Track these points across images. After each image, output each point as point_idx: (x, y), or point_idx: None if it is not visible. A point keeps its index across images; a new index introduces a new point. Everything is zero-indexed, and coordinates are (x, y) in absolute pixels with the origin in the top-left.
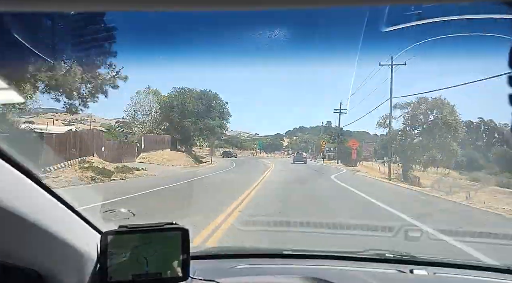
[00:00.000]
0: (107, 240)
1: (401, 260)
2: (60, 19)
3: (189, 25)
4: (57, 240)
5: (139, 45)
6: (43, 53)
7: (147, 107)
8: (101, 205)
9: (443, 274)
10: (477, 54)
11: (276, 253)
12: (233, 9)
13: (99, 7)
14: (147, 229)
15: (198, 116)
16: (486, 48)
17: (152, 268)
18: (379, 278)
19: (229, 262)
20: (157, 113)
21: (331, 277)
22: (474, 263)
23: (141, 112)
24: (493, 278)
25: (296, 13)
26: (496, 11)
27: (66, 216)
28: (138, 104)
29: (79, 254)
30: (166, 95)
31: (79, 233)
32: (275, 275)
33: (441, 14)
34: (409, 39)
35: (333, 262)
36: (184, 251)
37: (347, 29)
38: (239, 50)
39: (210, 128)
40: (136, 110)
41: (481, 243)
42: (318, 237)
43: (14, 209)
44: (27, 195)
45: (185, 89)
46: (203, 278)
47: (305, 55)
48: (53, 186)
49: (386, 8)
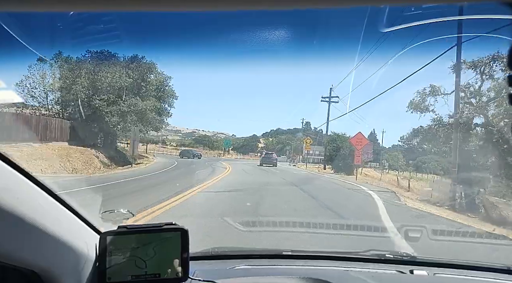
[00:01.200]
0: (106, 240)
1: (401, 261)
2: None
3: (163, 22)
4: (56, 241)
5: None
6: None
7: (51, 80)
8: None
9: (443, 275)
10: (477, 55)
11: (275, 253)
12: (233, 9)
13: (99, 7)
14: (146, 230)
15: (120, 93)
16: (486, 49)
17: (151, 268)
18: (379, 279)
19: (229, 262)
20: (61, 89)
21: (331, 277)
22: (474, 264)
23: (41, 88)
24: (493, 278)
25: (292, 12)
26: (496, 11)
27: (65, 217)
28: (36, 77)
29: (78, 255)
30: (75, 60)
31: (78, 234)
32: (274, 276)
33: (441, 14)
34: (409, 40)
35: (332, 263)
36: (183, 251)
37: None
38: (217, 50)
39: (138, 113)
40: (35, 85)
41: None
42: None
43: (13, 209)
44: (26, 195)
45: (104, 53)
46: (202, 278)
47: (296, 56)
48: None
49: (386, 8)
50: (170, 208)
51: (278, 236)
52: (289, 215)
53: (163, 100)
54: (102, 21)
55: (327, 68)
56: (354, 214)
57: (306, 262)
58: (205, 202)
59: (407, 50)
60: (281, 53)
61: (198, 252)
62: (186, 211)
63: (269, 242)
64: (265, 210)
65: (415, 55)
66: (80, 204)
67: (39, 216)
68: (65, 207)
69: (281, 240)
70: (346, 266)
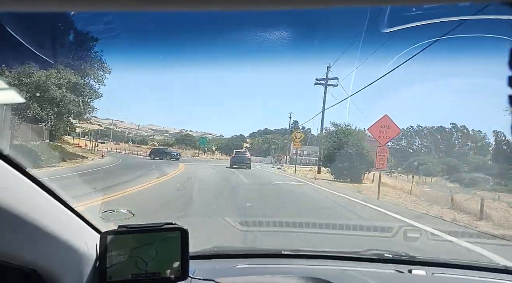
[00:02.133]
0: (106, 240)
1: (399, 260)
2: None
3: (163, 23)
4: (56, 240)
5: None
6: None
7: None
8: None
9: (441, 274)
10: (477, 55)
11: (275, 253)
12: (232, 10)
13: (99, 7)
14: (147, 229)
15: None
16: (486, 49)
17: (151, 268)
18: (378, 278)
19: (229, 262)
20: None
21: (330, 277)
22: (473, 263)
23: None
24: (492, 278)
25: (289, 12)
26: (496, 11)
27: (65, 216)
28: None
29: (78, 254)
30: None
31: (78, 233)
32: (274, 275)
33: (441, 14)
34: (409, 40)
35: (332, 262)
36: (183, 250)
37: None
38: (209, 50)
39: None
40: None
41: None
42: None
43: (13, 209)
44: (26, 195)
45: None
46: (202, 277)
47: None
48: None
49: (387, 8)
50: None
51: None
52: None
53: (86, 73)
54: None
55: (323, 67)
56: None
57: (306, 261)
58: None
59: (407, 50)
60: (275, 53)
61: (198, 251)
62: None
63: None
64: None
65: (416, 55)
66: None
67: (40, 215)
68: (65, 206)
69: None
70: (345, 265)
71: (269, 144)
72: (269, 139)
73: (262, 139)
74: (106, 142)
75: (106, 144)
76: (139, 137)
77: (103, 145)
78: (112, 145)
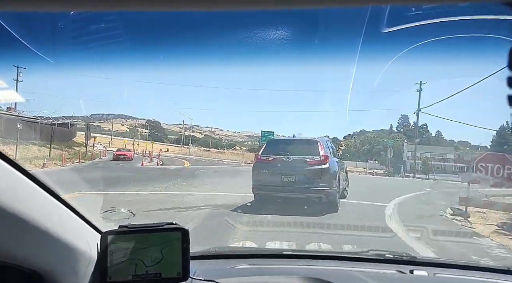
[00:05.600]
0: (107, 240)
1: (401, 261)
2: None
3: (171, 24)
4: (56, 240)
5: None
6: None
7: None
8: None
9: (443, 275)
10: (477, 55)
11: (276, 253)
12: (233, 9)
13: (99, 7)
14: (147, 229)
15: None
16: (486, 49)
17: (152, 268)
18: (379, 279)
19: (229, 262)
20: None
21: (331, 277)
22: (474, 264)
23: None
24: (493, 279)
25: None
26: (496, 11)
27: (65, 216)
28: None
29: (79, 254)
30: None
31: (79, 233)
32: (275, 276)
33: (441, 15)
34: (409, 40)
35: (333, 263)
36: (184, 251)
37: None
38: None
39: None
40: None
41: None
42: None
43: (13, 209)
44: (27, 195)
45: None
46: (203, 278)
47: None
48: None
49: (387, 8)
50: None
51: None
52: None
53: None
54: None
55: (326, 68)
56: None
57: (307, 262)
58: None
59: (407, 50)
60: (277, 54)
61: (198, 251)
62: None
63: None
64: None
65: (416, 56)
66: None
67: (40, 215)
68: (66, 206)
69: None
70: (346, 266)
71: (371, 145)
72: (370, 139)
73: (361, 139)
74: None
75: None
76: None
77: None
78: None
